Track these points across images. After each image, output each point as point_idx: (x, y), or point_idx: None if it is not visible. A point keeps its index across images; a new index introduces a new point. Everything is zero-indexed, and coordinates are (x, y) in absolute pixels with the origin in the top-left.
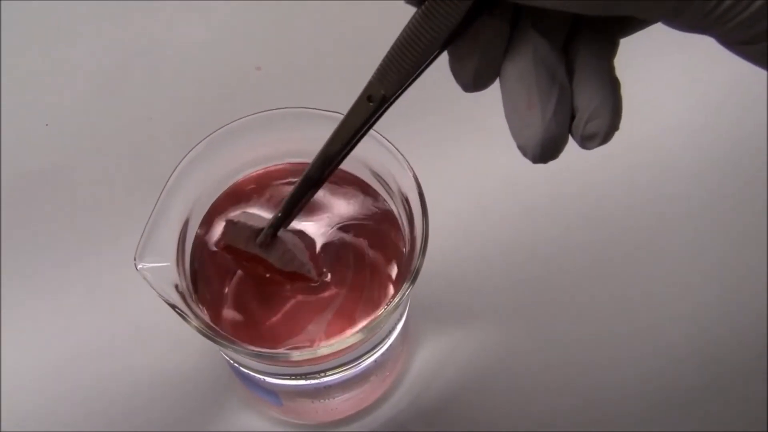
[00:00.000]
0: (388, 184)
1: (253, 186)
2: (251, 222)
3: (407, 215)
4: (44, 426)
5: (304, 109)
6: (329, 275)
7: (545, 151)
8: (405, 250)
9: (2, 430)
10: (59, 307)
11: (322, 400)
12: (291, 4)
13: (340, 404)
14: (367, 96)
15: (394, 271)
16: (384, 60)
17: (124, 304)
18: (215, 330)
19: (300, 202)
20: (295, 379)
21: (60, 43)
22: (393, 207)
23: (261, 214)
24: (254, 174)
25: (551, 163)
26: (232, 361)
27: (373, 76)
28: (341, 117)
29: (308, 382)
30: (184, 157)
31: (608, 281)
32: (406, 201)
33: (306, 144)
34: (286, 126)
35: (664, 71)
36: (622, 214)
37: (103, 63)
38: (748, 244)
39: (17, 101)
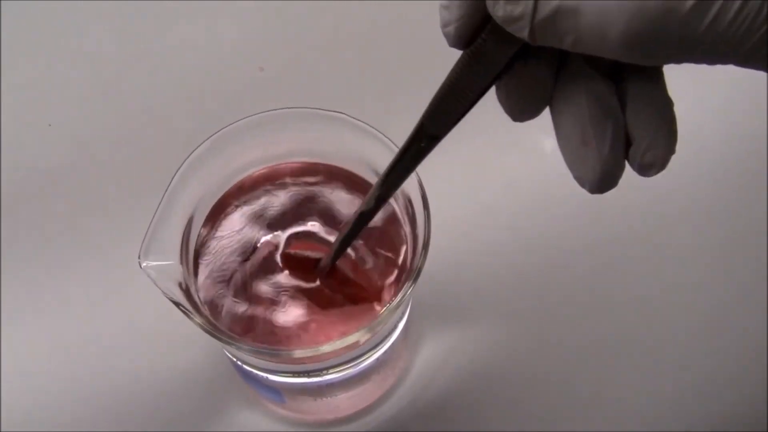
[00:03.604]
0: None
1: (254, 184)
2: (307, 252)
3: (409, 215)
4: (44, 426)
5: (306, 109)
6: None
7: (604, 185)
8: (407, 249)
9: (2, 430)
10: (61, 306)
11: (324, 398)
12: (294, 5)
13: (343, 402)
14: (417, 136)
15: (396, 270)
16: (433, 102)
17: (127, 302)
18: (218, 327)
19: (355, 236)
20: (298, 376)
21: (62, 43)
22: (395, 206)
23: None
24: (257, 173)
25: (552, 165)
26: (234, 359)
27: (423, 117)
28: (344, 117)
29: (311, 380)
30: (188, 157)
31: (608, 282)
32: (408, 201)
33: (308, 143)
34: (289, 126)
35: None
36: (623, 215)
37: (106, 62)
38: (749, 246)
39: (20, 101)
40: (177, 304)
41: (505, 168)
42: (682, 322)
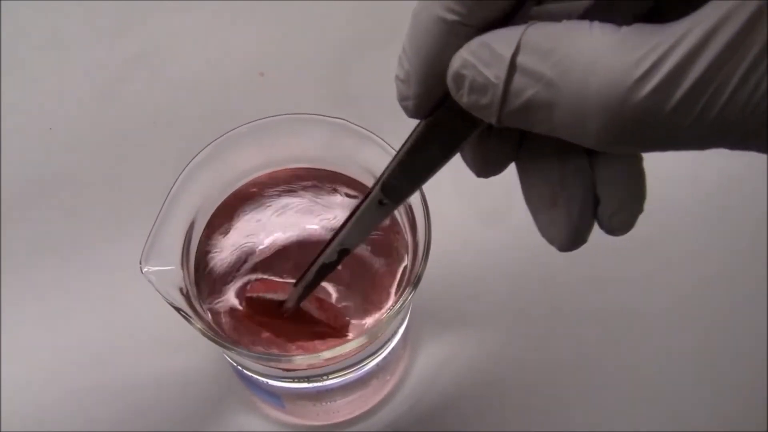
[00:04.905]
0: None
1: (255, 190)
2: (270, 295)
3: (410, 221)
4: (44, 426)
5: (306, 115)
6: (351, 322)
7: (573, 244)
8: (407, 255)
9: (2, 430)
10: (62, 308)
11: (324, 403)
12: (295, 10)
13: (342, 407)
14: (378, 200)
15: (396, 277)
16: (393, 164)
17: (127, 306)
18: (218, 332)
19: (317, 284)
20: (298, 381)
21: (63, 47)
22: (396, 213)
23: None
24: (258, 178)
25: None
26: (234, 364)
27: (384, 181)
28: (344, 122)
29: (310, 385)
30: (189, 162)
31: (607, 287)
32: (409, 208)
33: (308, 149)
34: (289, 132)
35: None
36: None
37: (107, 67)
38: (748, 253)
39: (20, 105)
40: (178, 309)
41: (506, 174)
42: (682, 324)
